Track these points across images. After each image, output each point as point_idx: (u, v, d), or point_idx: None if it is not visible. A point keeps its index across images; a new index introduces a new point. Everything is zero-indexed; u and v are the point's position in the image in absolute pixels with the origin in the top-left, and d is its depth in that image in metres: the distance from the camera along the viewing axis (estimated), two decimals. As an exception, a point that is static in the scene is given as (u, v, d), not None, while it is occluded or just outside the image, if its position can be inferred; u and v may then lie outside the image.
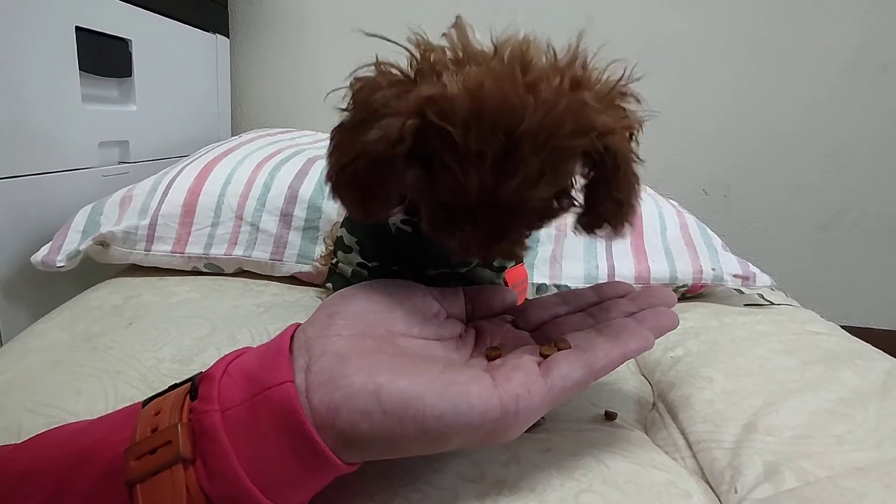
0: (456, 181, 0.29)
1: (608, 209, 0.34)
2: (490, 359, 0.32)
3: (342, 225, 0.46)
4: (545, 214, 0.34)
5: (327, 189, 0.34)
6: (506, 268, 0.45)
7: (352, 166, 0.31)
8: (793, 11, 1.19)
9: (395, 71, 0.32)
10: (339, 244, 0.46)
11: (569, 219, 0.36)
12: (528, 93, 0.27)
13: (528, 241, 0.35)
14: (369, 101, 0.30)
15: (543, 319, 0.38)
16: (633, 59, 0.32)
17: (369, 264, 0.43)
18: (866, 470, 0.36)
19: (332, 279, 0.48)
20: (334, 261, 0.47)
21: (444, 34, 0.32)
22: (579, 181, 0.34)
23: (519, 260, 0.36)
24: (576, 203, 0.34)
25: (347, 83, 0.33)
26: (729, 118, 1.26)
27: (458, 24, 0.32)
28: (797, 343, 0.56)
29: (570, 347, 0.32)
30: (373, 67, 0.32)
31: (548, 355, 0.31)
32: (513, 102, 0.27)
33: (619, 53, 0.32)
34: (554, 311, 0.38)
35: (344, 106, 0.33)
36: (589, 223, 0.35)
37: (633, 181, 0.34)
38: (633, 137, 0.34)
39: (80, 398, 0.42)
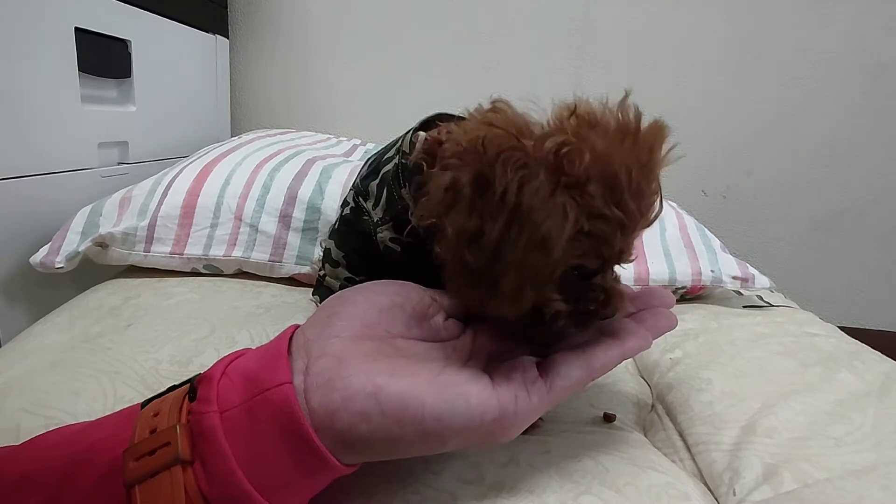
0: (622, 227, 0.30)
1: None
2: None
3: (330, 237, 0.46)
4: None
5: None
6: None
7: (535, 263, 0.28)
8: (792, 12, 1.19)
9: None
10: (326, 257, 0.46)
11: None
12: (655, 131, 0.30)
13: None
14: (529, 187, 0.27)
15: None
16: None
17: (357, 278, 0.43)
18: (865, 472, 0.36)
19: (319, 292, 0.48)
20: (321, 273, 0.46)
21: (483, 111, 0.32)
22: None
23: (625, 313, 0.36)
24: None
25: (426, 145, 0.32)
26: (727, 118, 1.27)
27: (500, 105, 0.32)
28: (796, 345, 0.56)
29: (568, 349, 0.32)
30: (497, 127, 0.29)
31: (547, 355, 0.31)
32: (650, 138, 0.30)
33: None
34: None
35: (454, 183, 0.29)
36: None
37: None
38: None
39: (79, 399, 0.42)
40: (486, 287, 0.29)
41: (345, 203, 0.45)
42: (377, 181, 0.41)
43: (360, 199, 0.43)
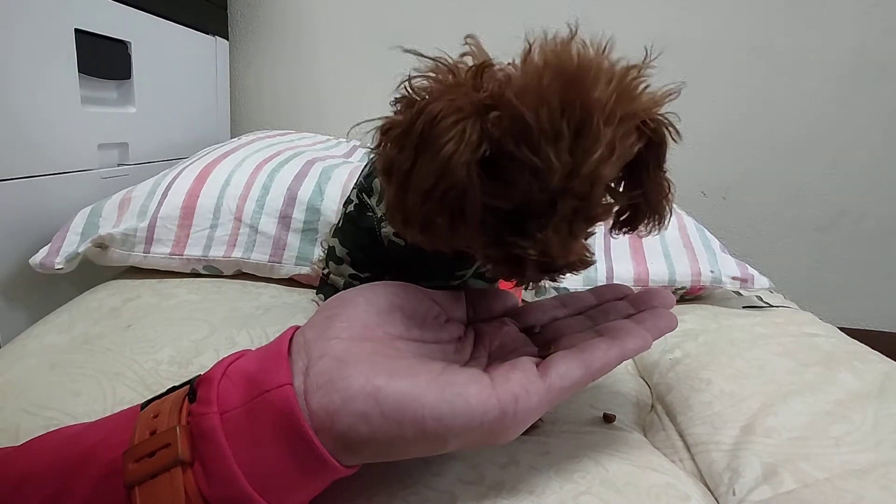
0: (534, 171, 0.28)
1: (658, 194, 0.35)
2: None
3: (333, 235, 0.46)
4: (606, 207, 0.33)
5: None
6: (498, 279, 0.45)
7: (437, 188, 0.28)
8: (792, 14, 1.20)
9: (448, 76, 0.30)
10: (330, 254, 0.46)
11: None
12: (590, 66, 0.28)
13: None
14: (432, 111, 0.28)
15: (542, 322, 0.38)
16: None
17: (361, 276, 0.43)
18: (864, 472, 0.36)
19: (324, 290, 0.48)
20: (325, 272, 0.46)
21: (463, 54, 0.31)
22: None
23: (590, 265, 0.34)
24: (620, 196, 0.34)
25: (401, 87, 0.30)
26: (727, 120, 1.27)
27: (473, 42, 0.31)
28: (795, 345, 0.56)
29: (567, 349, 0.32)
30: (428, 71, 0.30)
31: (546, 356, 0.31)
32: (583, 73, 0.27)
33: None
34: (553, 314, 0.39)
35: (391, 126, 0.30)
36: (631, 217, 0.36)
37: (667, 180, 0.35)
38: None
39: (79, 400, 0.42)
40: (416, 222, 0.30)
41: (348, 201, 0.45)
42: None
43: (364, 195, 0.43)
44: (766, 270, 0.77)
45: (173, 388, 0.30)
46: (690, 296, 0.74)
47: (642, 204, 0.35)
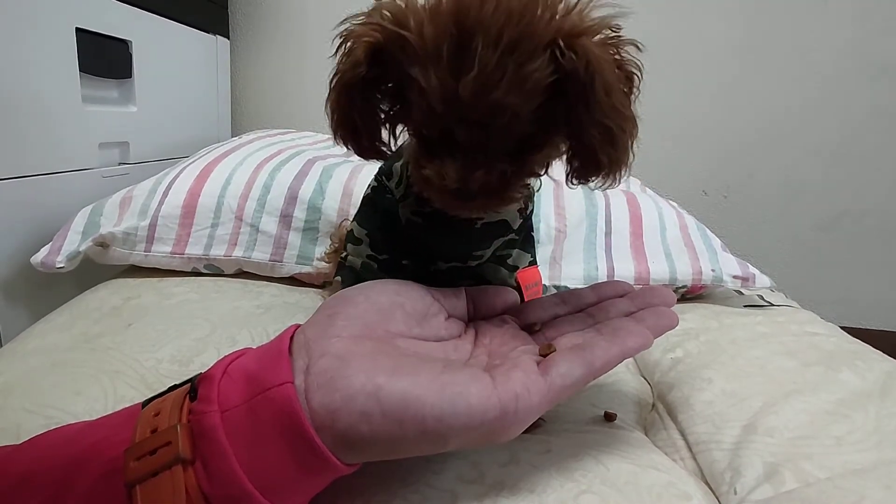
0: (422, 93, 0.29)
1: (594, 138, 0.31)
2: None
3: (353, 219, 0.47)
4: (528, 143, 0.32)
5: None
6: (518, 267, 0.45)
7: (332, 99, 0.33)
8: (792, 12, 1.19)
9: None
10: (349, 237, 0.46)
11: (571, 219, 0.36)
12: None
13: (521, 190, 0.34)
14: (344, 40, 0.32)
15: (543, 320, 0.38)
16: (632, 59, 0.32)
17: (379, 257, 0.43)
18: (866, 471, 0.36)
19: (342, 273, 0.48)
20: (344, 255, 0.47)
21: None
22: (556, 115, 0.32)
23: (509, 204, 0.35)
24: (558, 135, 0.33)
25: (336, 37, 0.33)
26: (729, 119, 1.27)
27: None
28: (797, 344, 0.56)
29: (568, 347, 0.32)
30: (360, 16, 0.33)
31: (547, 355, 0.31)
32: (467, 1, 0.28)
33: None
34: (553, 312, 0.39)
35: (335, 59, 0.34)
36: (580, 168, 0.33)
37: (623, 112, 0.31)
38: (630, 83, 0.32)
39: (80, 399, 0.42)
40: (336, 129, 0.35)
41: (369, 185, 0.46)
42: (400, 162, 0.42)
43: (384, 178, 0.44)
44: (768, 269, 0.76)
45: (174, 387, 0.29)
46: (691, 295, 0.74)
47: (587, 149, 0.32)
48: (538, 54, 0.29)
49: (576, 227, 0.73)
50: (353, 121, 0.33)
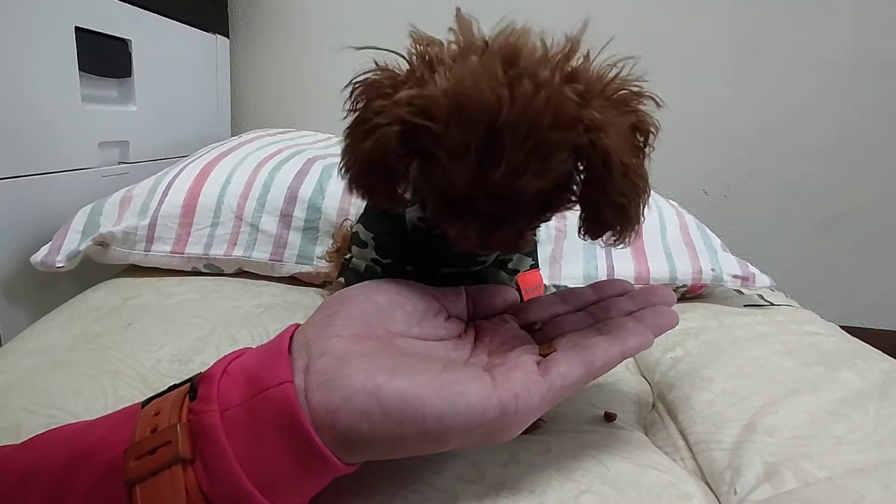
0: (447, 174, 0.30)
1: (608, 214, 0.33)
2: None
3: (359, 221, 0.47)
4: (545, 206, 0.34)
5: (344, 183, 0.35)
6: (519, 271, 0.45)
7: (356, 169, 0.33)
8: (793, 12, 1.19)
9: (394, 71, 0.33)
10: (354, 239, 0.47)
11: (572, 219, 0.36)
12: (508, 86, 0.28)
13: (533, 235, 0.36)
14: (367, 106, 0.32)
15: (542, 318, 0.38)
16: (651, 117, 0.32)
17: (384, 261, 0.44)
18: (866, 470, 0.36)
19: (345, 274, 0.49)
20: (348, 256, 0.47)
21: (449, 28, 0.32)
22: (578, 178, 0.34)
23: (522, 251, 0.37)
24: (575, 198, 0.34)
25: (349, 87, 0.34)
26: (729, 118, 1.26)
27: (460, 17, 0.32)
28: (797, 344, 0.56)
29: (569, 347, 0.32)
30: (375, 70, 0.33)
31: (547, 354, 0.31)
32: (489, 97, 0.28)
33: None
34: (553, 311, 0.38)
35: (347, 108, 0.34)
36: (592, 229, 0.35)
37: (637, 184, 0.33)
38: (644, 139, 0.33)
39: (80, 398, 0.42)
40: (360, 189, 0.36)
41: None
42: None
43: None
44: (768, 269, 0.76)
45: (174, 386, 0.29)
46: (691, 294, 0.74)
47: (595, 215, 0.34)
48: (563, 148, 0.30)
49: (575, 227, 0.73)
50: (374, 187, 0.35)
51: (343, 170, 0.35)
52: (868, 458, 0.38)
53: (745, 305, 0.71)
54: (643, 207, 0.34)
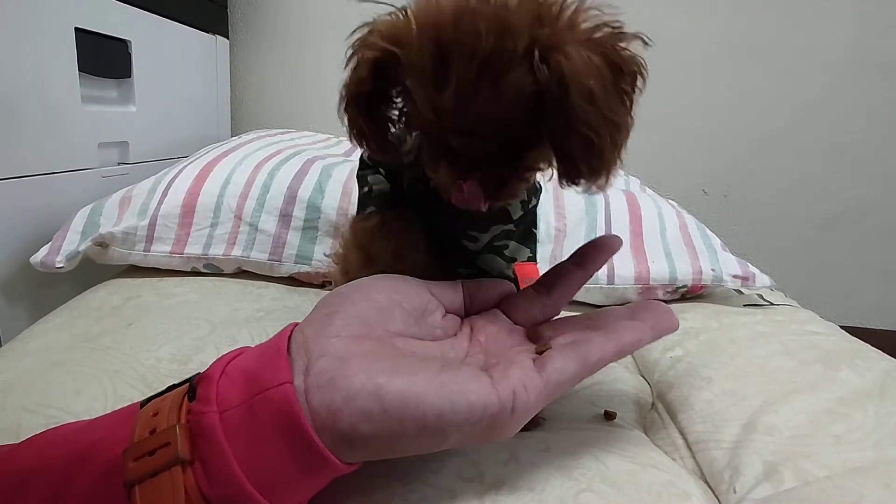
0: (416, 103, 0.31)
1: (575, 147, 0.30)
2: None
3: (357, 177, 0.48)
4: (517, 146, 0.32)
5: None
6: (516, 259, 0.45)
7: (343, 105, 0.35)
8: (792, 11, 1.19)
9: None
10: (360, 181, 0.48)
11: (572, 219, 0.36)
12: (457, 5, 0.28)
13: (517, 186, 0.35)
14: (354, 42, 0.34)
15: (539, 317, 0.38)
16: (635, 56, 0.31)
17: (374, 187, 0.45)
18: (865, 470, 0.36)
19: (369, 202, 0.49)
20: (365, 189, 0.48)
21: None
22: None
23: (512, 198, 0.37)
24: (546, 137, 0.32)
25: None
26: (729, 118, 1.27)
27: None
28: (796, 343, 0.56)
29: (564, 343, 0.32)
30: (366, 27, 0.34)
31: (542, 351, 0.31)
32: (439, 15, 0.29)
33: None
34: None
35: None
36: (565, 169, 0.33)
37: (610, 120, 0.30)
38: (631, 81, 0.31)
39: (79, 398, 0.42)
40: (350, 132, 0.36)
41: None
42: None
43: (398, 141, 0.45)
44: (768, 269, 0.76)
45: (172, 387, 0.29)
46: (691, 294, 0.74)
47: (564, 150, 0.32)
48: (514, 67, 0.29)
49: (575, 227, 0.73)
50: (360, 127, 0.35)
51: (341, 121, 0.35)
52: (867, 457, 0.38)
53: (745, 305, 0.71)
54: (619, 149, 0.31)
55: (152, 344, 0.50)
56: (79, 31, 0.72)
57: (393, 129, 0.37)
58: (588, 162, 0.31)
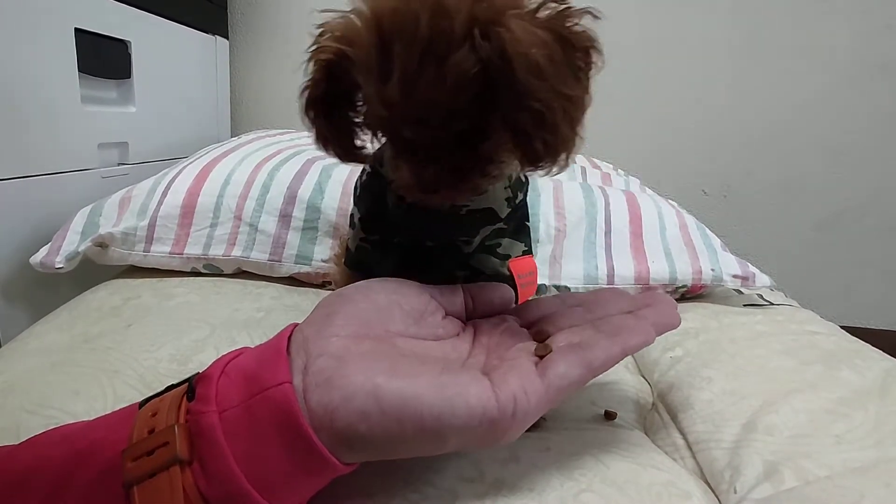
0: (368, 100, 0.32)
1: (527, 122, 0.29)
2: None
3: (354, 204, 0.48)
4: (471, 135, 0.31)
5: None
6: (510, 256, 0.44)
7: (304, 113, 0.35)
8: (792, 11, 1.19)
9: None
10: (350, 223, 0.48)
11: (572, 219, 0.35)
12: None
13: (481, 178, 0.34)
14: (312, 44, 0.34)
15: (541, 316, 0.38)
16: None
17: (370, 238, 0.44)
18: (866, 469, 0.36)
19: (346, 256, 0.49)
20: (348, 241, 0.48)
21: None
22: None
23: (477, 191, 0.35)
24: (499, 123, 0.31)
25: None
26: (729, 118, 1.27)
27: None
28: (796, 343, 0.56)
29: (567, 346, 0.32)
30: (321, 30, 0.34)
31: (543, 355, 0.31)
32: (384, 7, 0.29)
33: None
34: (552, 311, 0.38)
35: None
36: (522, 150, 0.31)
37: (562, 93, 0.29)
38: (585, 57, 0.30)
39: (79, 399, 0.42)
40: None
41: (363, 171, 0.47)
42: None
43: (377, 164, 0.44)
44: (768, 269, 0.76)
45: (171, 387, 0.29)
46: (691, 294, 0.74)
47: (517, 129, 0.30)
48: (455, 48, 0.28)
49: (575, 227, 0.73)
50: (322, 131, 0.36)
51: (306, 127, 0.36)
52: (868, 456, 0.38)
53: (745, 305, 0.71)
54: (575, 124, 0.30)
55: (152, 344, 0.50)
56: (79, 32, 0.72)
57: (359, 133, 0.37)
58: (542, 138, 0.30)
